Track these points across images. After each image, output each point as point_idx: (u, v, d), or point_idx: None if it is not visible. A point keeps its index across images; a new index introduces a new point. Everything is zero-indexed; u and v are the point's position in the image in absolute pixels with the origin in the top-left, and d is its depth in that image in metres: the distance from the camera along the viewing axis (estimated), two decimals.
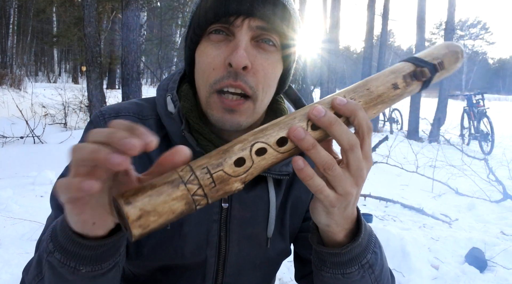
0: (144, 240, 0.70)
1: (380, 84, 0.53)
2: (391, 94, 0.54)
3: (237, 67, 0.60)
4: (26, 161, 4.71)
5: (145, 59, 11.34)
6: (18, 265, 2.36)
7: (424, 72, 0.56)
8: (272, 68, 0.65)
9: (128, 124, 0.41)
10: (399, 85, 0.54)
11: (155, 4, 11.53)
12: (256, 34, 0.63)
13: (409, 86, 0.55)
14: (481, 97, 8.14)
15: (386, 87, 0.53)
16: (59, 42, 14.35)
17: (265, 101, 0.67)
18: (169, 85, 0.74)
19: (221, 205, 0.71)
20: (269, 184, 0.74)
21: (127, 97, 6.47)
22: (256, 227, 0.74)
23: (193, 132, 0.68)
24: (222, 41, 0.63)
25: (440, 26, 44.47)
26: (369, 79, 0.54)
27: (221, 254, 0.72)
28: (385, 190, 4.37)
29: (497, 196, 4.32)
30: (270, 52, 0.64)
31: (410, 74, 0.55)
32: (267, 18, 0.62)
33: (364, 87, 0.53)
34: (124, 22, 6.19)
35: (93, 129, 0.42)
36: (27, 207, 3.23)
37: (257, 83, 0.63)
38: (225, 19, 0.62)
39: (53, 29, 21.85)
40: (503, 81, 52.99)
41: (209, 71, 0.63)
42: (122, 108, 0.73)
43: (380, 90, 0.53)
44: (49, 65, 31.59)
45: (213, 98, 0.63)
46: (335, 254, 0.57)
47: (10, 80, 12.75)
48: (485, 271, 2.60)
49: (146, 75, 25.87)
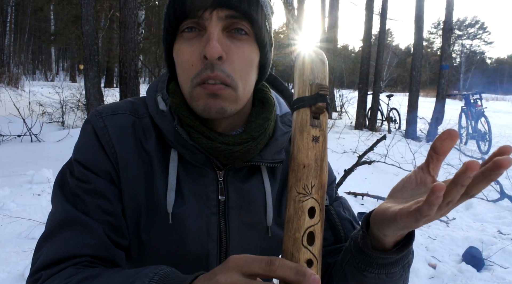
0: (146, 239, 0.70)
1: (304, 150, 0.49)
2: (319, 150, 0.50)
3: (212, 58, 0.61)
4: (23, 160, 4.70)
5: (143, 57, 11.32)
6: (15, 263, 2.36)
7: (318, 107, 0.51)
8: (248, 55, 0.65)
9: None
10: (316, 136, 0.50)
11: (153, 2, 11.50)
12: (226, 24, 0.64)
13: (321, 125, 0.51)
14: (478, 97, 8.16)
15: (309, 148, 0.50)
16: (57, 40, 14.28)
17: (247, 88, 0.68)
18: (158, 86, 0.75)
19: (218, 197, 0.72)
20: (263, 173, 0.75)
21: (125, 96, 6.46)
22: (254, 216, 0.75)
23: (185, 127, 0.68)
24: (195, 37, 0.64)
25: (438, 26, 44.51)
26: (294, 156, 0.51)
27: (223, 246, 0.73)
28: (383, 189, 4.38)
29: (494, 195, 4.34)
30: (243, 40, 0.65)
31: (312, 120, 0.50)
32: (234, 6, 0.62)
33: (298, 167, 0.49)
34: (122, 20, 6.17)
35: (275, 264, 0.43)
36: (24, 205, 3.22)
37: (234, 71, 0.64)
38: (193, 14, 0.63)
39: (51, 27, 21.77)
40: (501, 81, 53.15)
41: (188, 68, 0.64)
42: (118, 107, 0.74)
43: (310, 155, 0.49)
44: (46, 63, 31.48)
45: (196, 90, 0.64)
46: (386, 258, 0.58)
47: (8, 78, 12.70)
48: (482, 270, 2.61)
49: (144, 74, 25.81)
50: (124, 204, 0.70)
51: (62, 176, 0.72)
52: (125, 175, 0.69)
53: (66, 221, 0.65)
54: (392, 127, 10.06)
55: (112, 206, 0.68)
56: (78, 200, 0.67)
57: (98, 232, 0.65)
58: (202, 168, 0.71)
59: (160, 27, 10.49)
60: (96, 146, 0.69)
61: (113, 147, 0.69)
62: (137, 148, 0.70)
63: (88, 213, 0.66)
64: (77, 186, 0.68)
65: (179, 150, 0.70)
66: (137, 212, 0.70)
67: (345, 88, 19.87)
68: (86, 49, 6.48)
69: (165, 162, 0.71)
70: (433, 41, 48.97)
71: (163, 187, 0.70)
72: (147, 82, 24.89)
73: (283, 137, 0.74)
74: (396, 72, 23.23)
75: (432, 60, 34.03)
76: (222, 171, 0.72)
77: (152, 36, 9.71)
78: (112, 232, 0.67)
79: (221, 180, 0.72)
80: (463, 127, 8.47)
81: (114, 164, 0.69)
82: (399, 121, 10.18)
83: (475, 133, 7.88)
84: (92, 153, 0.69)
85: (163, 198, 0.69)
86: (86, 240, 0.64)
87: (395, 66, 23.99)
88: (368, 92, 10.29)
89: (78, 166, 0.69)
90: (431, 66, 31.78)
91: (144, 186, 0.70)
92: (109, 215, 0.67)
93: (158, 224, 0.70)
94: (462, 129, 8.49)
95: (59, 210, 0.67)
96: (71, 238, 0.64)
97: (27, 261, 2.36)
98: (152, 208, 0.70)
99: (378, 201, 3.96)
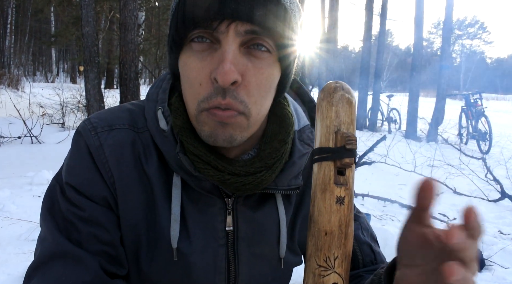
0: (147, 271, 0.64)
1: (327, 214, 0.43)
2: (344, 213, 0.43)
3: (224, 85, 0.51)
4: (24, 161, 4.70)
5: (143, 59, 11.33)
6: (15, 265, 2.36)
7: (344, 163, 0.43)
8: (267, 76, 0.55)
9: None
10: (341, 197, 0.43)
11: (153, 4, 11.52)
12: (245, 39, 0.53)
13: (347, 183, 0.44)
14: (479, 96, 8.16)
15: (332, 212, 0.43)
16: (57, 42, 14.31)
17: (262, 114, 0.58)
18: (158, 95, 0.64)
19: (225, 228, 0.65)
20: (277, 201, 0.67)
21: (125, 97, 6.46)
22: (266, 246, 0.68)
23: (189, 155, 0.59)
24: (207, 50, 0.54)
25: (438, 26, 44.52)
26: (314, 219, 0.44)
27: (231, 278, 0.67)
28: (383, 189, 4.38)
29: (495, 195, 4.33)
30: (263, 59, 0.54)
31: (336, 177, 0.43)
32: (257, 21, 0.51)
33: (319, 233, 0.43)
34: (122, 21, 6.17)
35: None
36: (25, 207, 3.22)
37: (249, 96, 0.54)
38: (206, 24, 0.51)
39: (51, 28, 21.80)
40: (501, 80, 53.09)
41: (196, 86, 0.54)
42: (114, 119, 0.64)
43: (334, 220, 0.43)
44: (47, 65, 31.51)
45: (203, 116, 0.55)
46: None
47: (8, 80, 12.72)
48: (483, 270, 2.61)
49: (144, 75, 25.83)
50: (123, 232, 0.62)
51: (51, 194, 0.62)
52: (123, 201, 0.61)
53: (57, 253, 0.57)
54: (392, 127, 10.06)
55: (109, 235, 0.60)
56: (71, 227, 0.59)
57: (93, 266, 0.57)
58: (208, 196, 0.63)
59: (160, 29, 10.49)
60: (91, 167, 0.60)
61: (110, 170, 0.60)
62: (137, 170, 0.62)
63: (82, 244, 0.58)
64: (69, 211, 0.59)
65: (183, 176, 0.61)
66: (136, 242, 0.63)
67: None
68: (86, 51, 6.49)
69: (168, 186, 0.63)
70: (433, 41, 49.00)
71: (166, 216, 0.62)
72: (147, 83, 24.89)
73: (301, 159, 0.65)
74: (396, 72, 23.24)
75: (432, 60, 34.03)
76: (230, 199, 0.64)
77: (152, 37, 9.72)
78: (109, 263, 0.60)
79: (230, 208, 0.64)
80: (463, 127, 8.47)
81: (111, 188, 0.61)
82: (400, 122, 10.17)
83: (475, 133, 7.88)
84: (86, 176, 0.60)
85: (166, 229, 0.62)
86: (81, 277, 0.56)
87: (395, 67, 24.00)
88: (369, 93, 10.29)
89: (70, 190, 0.60)
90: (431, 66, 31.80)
91: (145, 214, 0.62)
92: (106, 245, 0.60)
93: (161, 258, 0.63)
94: (463, 129, 8.49)
95: (49, 239, 0.59)
96: (63, 273, 0.56)
97: (27, 263, 2.34)
98: (153, 239, 0.63)
99: (379, 201, 3.96)
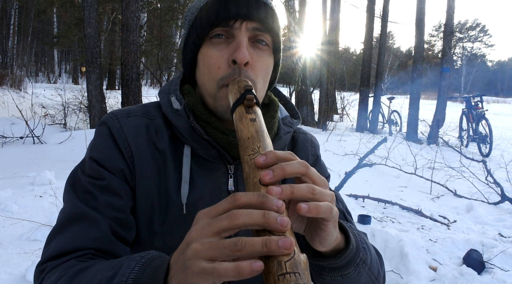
0: (159, 231, 0.74)
1: (245, 128, 0.58)
2: (257, 126, 0.58)
3: (241, 63, 0.69)
4: (26, 161, 4.72)
5: (145, 60, 11.35)
6: (17, 265, 2.37)
7: (249, 99, 0.61)
8: (267, 64, 0.75)
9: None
10: (252, 118, 0.59)
11: (155, 5, 11.54)
12: (252, 35, 0.73)
13: (255, 112, 0.61)
14: (479, 99, 8.16)
15: (249, 126, 0.58)
16: (60, 42, 14.34)
17: (262, 93, 0.76)
18: (170, 88, 0.81)
19: (229, 189, 0.77)
20: None
21: (127, 98, 6.48)
22: None
23: (201, 123, 0.74)
24: (223, 43, 0.73)
25: (439, 28, 44.50)
26: (239, 136, 0.58)
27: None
28: (384, 192, 4.39)
29: (495, 198, 4.34)
30: (264, 50, 0.75)
31: (246, 109, 0.61)
32: (262, 21, 0.72)
33: (244, 140, 0.56)
34: (124, 23, 6.20)
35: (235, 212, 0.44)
36: (26, 207, 3.23)
37: (256, 76, 0.73)
38: (225, 23, 0.71)
39: (54, 29, 21.86)
40: (501, 83, 53.03)
41: (215, 70, 0.72)
42: (131, 110, 0.80)
43: (252, 130, 0.57)
44: (49, 65, 31.58)
45: (222, 92, 0.72)
46: (332, 263, 0.62)
47: (11, 80, 12.76)
48: (483, 273, 2.61)
49: (146, 76, 25.86)
50: (137, 201, 0.74)
51: (73, 175, 0.76)
52: (140, 172, 0.74)
53: (75, 215, 0.69)
54: (393, 129, 10.06)
55: (122, 202, 0.72)
56: (89, 196, 0.71)
57: (104, 226, 0.68)
58: (214, 162, 0.77)
59: (162, 30, 10.53)
60: (111, 145, 0.74)
61: (129, 145, 0.74)
62: (150, 148, 0.76)
63: (98, 208, 0.70)
64: (89, 183, 0.72)
65: (192, 146, 0.75)
66: (150, 207, 0.74)
67: (346, 90, 19.90)
68: (88, 52, 6.51)
69: (178, 158, 0.76)
70: (434, 44, 48.95)
71: (177, 181, 0.75)
72: (148, 85, 24.92)
73: (285, 136, 0.82)
74: (397, 74, 23.24)
75: (433, 63, 34.00)
76: (232, 165, 0.78)
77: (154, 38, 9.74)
78: (119, 226, 0.71)
79: (231, 173, 0.78)
80: (464, 130, 8.47)
81: (129, 162, 0.74)
82: (400, 124, 10.17)
83: (476, 136, 7.88)
84: (107, 152, 0.74)
85: (177, 191, 0.74)
86: (92, 234, 0.67)
87: (396, 69, 24.00)
88: (369, 95, 10.30)
89: (92, 163, 0.73)
90: (432, 69, 31.76)
91: (157, 183, 0.74)
92: (118, 212, 0.71)
93: (172, 216, 0.74)
94: (463, 131, 8.48)
95: (69, 206, 0.71)
96: (77, 231, 0.67)
97: (29, 263, 2.37)
98: (164, 204, 0.74)
99: (379, 203, 3.96)
